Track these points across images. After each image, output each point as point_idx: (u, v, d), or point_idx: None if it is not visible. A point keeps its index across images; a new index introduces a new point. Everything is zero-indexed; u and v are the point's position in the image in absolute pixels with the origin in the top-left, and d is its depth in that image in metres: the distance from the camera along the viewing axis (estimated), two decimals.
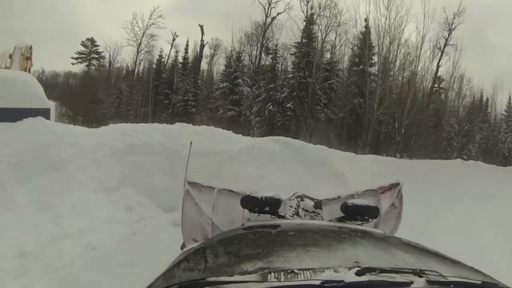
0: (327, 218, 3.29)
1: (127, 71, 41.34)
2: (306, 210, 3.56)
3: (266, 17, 33.65)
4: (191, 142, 4.88)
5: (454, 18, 28.48)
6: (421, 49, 27.90)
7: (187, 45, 36.24)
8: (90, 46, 56.00)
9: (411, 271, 1.33)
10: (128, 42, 40.00)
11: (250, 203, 2.88)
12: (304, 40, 25.90)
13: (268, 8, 33.44)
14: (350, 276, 1.21)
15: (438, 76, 30.48)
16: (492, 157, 26.63)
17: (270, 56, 32.50)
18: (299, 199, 3.67)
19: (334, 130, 22.16)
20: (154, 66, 38.80)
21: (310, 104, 21.93)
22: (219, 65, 37.45)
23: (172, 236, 4.12)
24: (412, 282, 1.23)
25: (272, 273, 1.27)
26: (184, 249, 1.86)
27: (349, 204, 2.91)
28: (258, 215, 2.85)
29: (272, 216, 2.86)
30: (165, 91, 32.54)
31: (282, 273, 1.27)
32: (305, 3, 30.85)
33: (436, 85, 30.86)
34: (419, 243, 1.85)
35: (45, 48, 76.61)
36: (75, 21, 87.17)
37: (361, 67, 24.66)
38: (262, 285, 1.18)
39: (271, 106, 22.52)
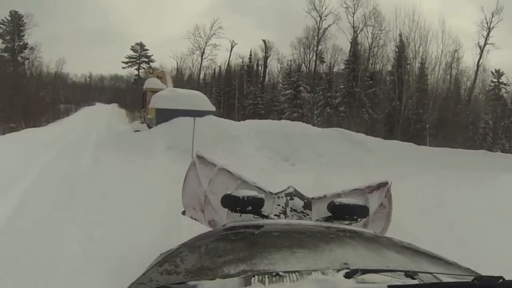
0: (315, 218, 3.19)
1: (189, 76, 45.48)
2: (295, 210, 3.46)
3: (319, 29, 38.37)
4: (194, 119, 8.03)
5: (492, 17, 30.88)
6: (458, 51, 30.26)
7: (250, 55, 41.57)
8: (139, 50, 58.92)
9: (403, 272, 1.29)
10: (192, 51, 44.98)
11: (231, 202, 2.78)
12: (350, 57, 30.75)
13: (319, 21, 38.26)
14: (338, 279, 1.16)
15: (497, 70, 32.82)
16: None
17: (324, 63, 37.71)
18: (288, 197, 3.58)
19: (378, 127, 26.65)
20: (218, 72, 44.35)
21: (357, 107, 27.43)
22: (272, 66, 42.59)
23: (290, 174, 8.63)
24: (405, 286, 1.20)
25: (256, 276, 1.22)
26: (162, 252, 1.67)
27: (336, 203, 2.82)
28: (240, 215, 2.75)
29: (255, 216, 2.77)
30: (234, 94, 37.64)
31: (266, 276, 1.22)
32: (351, 14, 35.72)
33: (494, 81, 33.06)
34: (411, 244, 1.79)
35: (90, 53, 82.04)
36: (118, 27, 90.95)
37: (396, 76, 28.20)
38: None
39: (329, 109, 28.11)
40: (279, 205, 3.50)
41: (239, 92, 36.79)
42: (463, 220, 6.20)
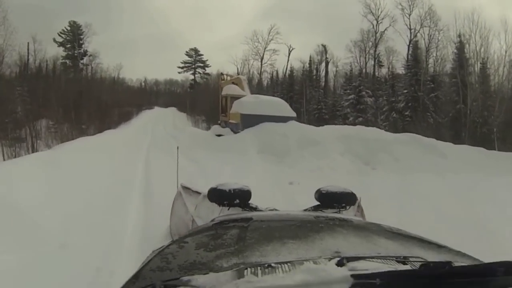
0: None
1: (249, 81, 46.30)
2: None
3: (376, 33, 38.87)
4: (177, 147, 7.35)
5: None
6: None
7: (310, 59, 42.35)
8: (194, 55, 62.23)
9: (394, 258, 1.30)
10: (252, 56, 47.44)
11: (218, 196, 2.81)
12: (411, 60, 30.58)
13: (376, 25, 38.81)
14: (330, 267, 1.16)
15: None
16: None
17: (382, 67, 38.07)
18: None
19: (442, 131, 25.71)
20: (276, 76, 45.74)
21: (422, 112, 27.58)
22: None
23: (373, 178, 9.91)
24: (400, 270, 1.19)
25: (249, 269, 1.23)
26: (154, 249, 1.69)
27: (323, 192, 2.82)
28: (228, 209, 2.77)
29: (244, 209, 2.78)
30: (297, 99, 38.43)
31: (259, 268, 1.23)
32: (407, 16, 35.99)
33: None
34: (401, 229, 1.82)
35: (144, 59, 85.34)
36: (172, 33, 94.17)
37: (459, 78, 27.33)
38: (239, 282, 1.13)
39: (394, 114, 28.43)
40: None
41: (302, 97, 37.54)
42: None
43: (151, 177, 9.52)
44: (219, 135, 17.44)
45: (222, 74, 25.93)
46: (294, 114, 16.63)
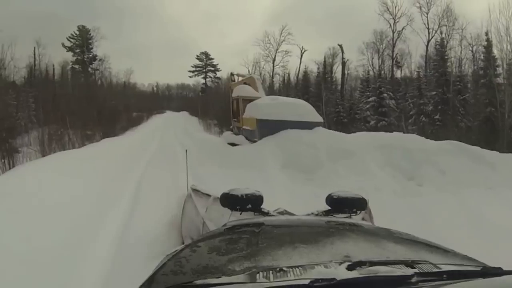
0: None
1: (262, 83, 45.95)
2: None
3: (393, 32, 37.53)
4: (186, 151, 6.99)
5: None
6: None
7: (324, 60, 41.59)
8: (205, 59, 62.95)
9: (403, 262, 1.31)
10: (264, 58, 46.61)
11: (230, 201, 2.80)
12: (438, 61, 28.99)
13: (393, 24, 37.46)
14: (341, 271, 1.18)
15: None
16: None
17: (400, 68, 36.50)
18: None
19: (472, 135, 24.26)
20: (288, 78, 44.97)
21: (452, 115, 25.75)
22: (338, 73, 42.20)
23: (424, 201, 8.07)
24: (409, 276, 1.20)
25: (261, 273, 1.24)
26: (167, 253, 1.68)
27: (334, 197, 2.82)
28: (241, 213, 2.76)
29: (255, 214, 2.79)
30: (314, 102, 36.83)
31: (270, 272, 1.25)
32: (425, 15, 34.77)
33: None
34: (409, 234, 1.84)
35: (156, 63, 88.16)
36: (183, 37, 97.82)
37: (487, 78, 26.33)
38: (251, 286, 1.15)
39: (423, 117, 26.72)
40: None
41: (318, 99, 35.67)
42: None
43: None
44: (232, 144, 15.11)
45: (232, 74, 22.69)
46: (321, 119, 14.15)
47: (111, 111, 32.68)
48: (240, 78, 20.96)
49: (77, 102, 28.19)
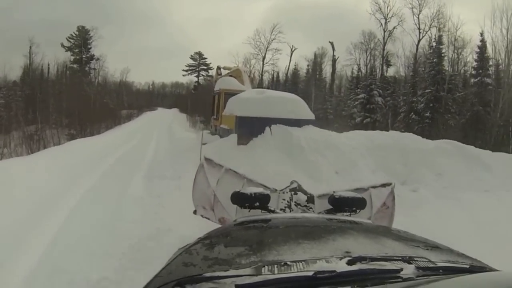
0: (317, 211, 3.36)
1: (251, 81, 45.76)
2: (299, 204, 3.66)
3: (384, 31, 37.96)
4: (202, 133, 7.33)
5: None
6: None
7: (314, 57, 42.13)
8: (198, 59, 64.35)
9: (400, 258, 1.35)
10: (253, 56, 46.69)
11: (240, 199, 2.92)
12: (433, 59, 28.93)
13: (384, 23, 37.89)
14: (341, 266, 1.23)
15: None
16: None
17: (390, 66, 36.73)
18: (292, 192, 3.81)
19: (457, 132, 24.28)
20: (277, 76, 45.24)
21: (442, 113, 25.63)
22: (326, 71, 42.84)
23: (419, 213, 7.06)
24: (401, 269, 1.25)
25: (266, 266, 1.28)
26: (180, 247, 1.80)
27: (336, 196, 2.93)
28: (249, 211, 2.87)
29: (262, 211, 2.89)
30: (303, 99, 36.52)
31: (275, 265, 1.29)
32: (417, 16, 35.10)
33: None
34: (407, 231, 1.90)
35: (153, 63, 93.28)
36: (180, 38, 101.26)
37: (479, 78, 26.65)
38: (256, 278, 1.19)
39: (414, 115, 26.56)
40: (284, 199, 3.71)
41: (306, 96, 35.43)
42: None
43: None
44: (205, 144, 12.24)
45: (219, 68, 20.03)
46: (312, 116, 12.17)
47: (100, 110, 32.03)
48: (227, 71, 18.74)
49: (67, 101, 27.82)
